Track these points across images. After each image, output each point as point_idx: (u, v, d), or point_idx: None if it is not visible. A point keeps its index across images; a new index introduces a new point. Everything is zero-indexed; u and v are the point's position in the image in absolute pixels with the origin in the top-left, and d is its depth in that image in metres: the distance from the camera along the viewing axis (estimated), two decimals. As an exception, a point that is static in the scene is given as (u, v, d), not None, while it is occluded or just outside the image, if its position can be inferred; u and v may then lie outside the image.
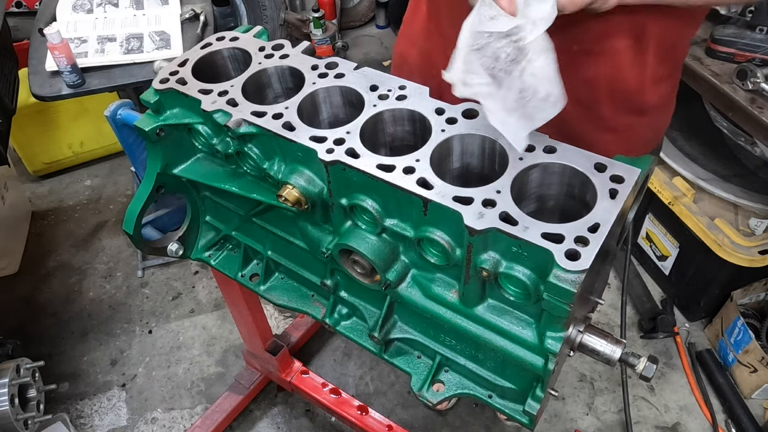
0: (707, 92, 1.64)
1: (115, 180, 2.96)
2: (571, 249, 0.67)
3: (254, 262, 1.22)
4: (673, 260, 2.18)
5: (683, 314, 2.25)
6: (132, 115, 1.18)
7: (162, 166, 1.05)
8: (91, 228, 2.73)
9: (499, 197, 0.73)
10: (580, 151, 0.78)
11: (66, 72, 1.75)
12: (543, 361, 0.81)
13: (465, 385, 0.98)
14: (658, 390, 2.06)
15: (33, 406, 1.62)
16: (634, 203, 0.81)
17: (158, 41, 1.92)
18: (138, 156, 1.34)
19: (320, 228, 0.97)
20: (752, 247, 1.84)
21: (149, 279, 2.48)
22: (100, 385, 2.14)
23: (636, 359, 0.84)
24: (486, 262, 0.75)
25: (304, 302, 1.15)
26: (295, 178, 0.89)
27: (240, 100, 0.93)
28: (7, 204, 2.53)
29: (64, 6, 2.02)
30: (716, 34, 1.63)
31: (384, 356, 1.03)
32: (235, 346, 2.22)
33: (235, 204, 1.11)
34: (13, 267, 2.52)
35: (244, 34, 1.07)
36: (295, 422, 2.01)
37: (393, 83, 0.91)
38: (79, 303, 2.41)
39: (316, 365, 2.16)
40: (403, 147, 0.91)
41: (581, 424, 1.97)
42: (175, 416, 2.05)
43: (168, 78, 0.97)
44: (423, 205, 0.76)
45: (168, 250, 1.18)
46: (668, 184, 2.04)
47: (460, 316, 0.87)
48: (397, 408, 2.03)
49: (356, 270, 0.91)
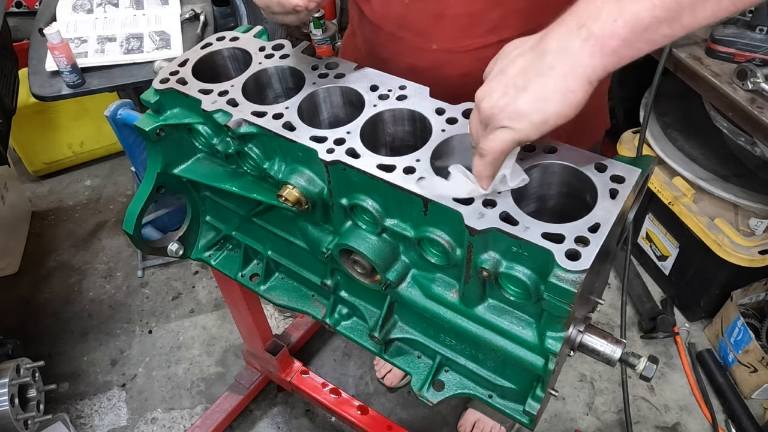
0: (707, 92, 1.64)
1: (115, 180, 2.96)
2: (572, 249, 0.67)
3: (254, 262, 1.22)
4: (673, 260, 2.18)
5: (683, 314, 2.25)
6: (132, 115, 1.18)
7: (162, 166, 1.05)
8: (91, 228, 2.73)
9: (500, 197, 0.73)
10: (581, 151, 0.78)
11: (66, 72, 1.75)
12: (543, 361, 0.81)
13: (465, 385, 0.98)
14: (658, 390, 2.06)
15: (33, 406, 1.61)
16: (634, 203, 0.81)
17: (158, 41, 1.92)
18: (138, 156, 1.34)
19: (320, 228, 0.97)
20: (752, 247, 1.84)
21: (149, 279, 2.48)
22: (100, 385, 2.14)
23: (636, 359, 0.84)
24: (486, 262, 0.75)
25: (305, 302, 1.15)
26: (296, 178, 0.89)
27: (240, 100, 0.93)
28: (7, 204, 2.53)
29: (64, 6, 2.02)
30: (716, 34, 1.63)
31: (384, 356, 1.03)
32: (235, 346, 2.22)
33: (236, 204, 1.11)
34: (13, 267, 2.52)
35: (244, 34, 1.07)
36: (295, 422, 2.01)
37: (393, 83, 0.91)
38: (79, 303, 2.41)
39: (316, 365, 2.16)
40: (403, 147, 0.91)
41: (581, 424, 1.97)
42: (175, 416, 2.05)
43: (168, 78, 0.97)
44: (423, 205, 0.76)
45: (168, 250, 1.18)
46: (668, 184, 2.04)
47: (461, 316, 0.87)
48: (397, 408, 2.03)
49: (356, 270, 0.91)
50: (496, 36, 1.05)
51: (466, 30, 1.06)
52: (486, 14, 1.03)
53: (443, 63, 1.10)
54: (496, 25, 1.04)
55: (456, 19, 1.04)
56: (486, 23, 1.04)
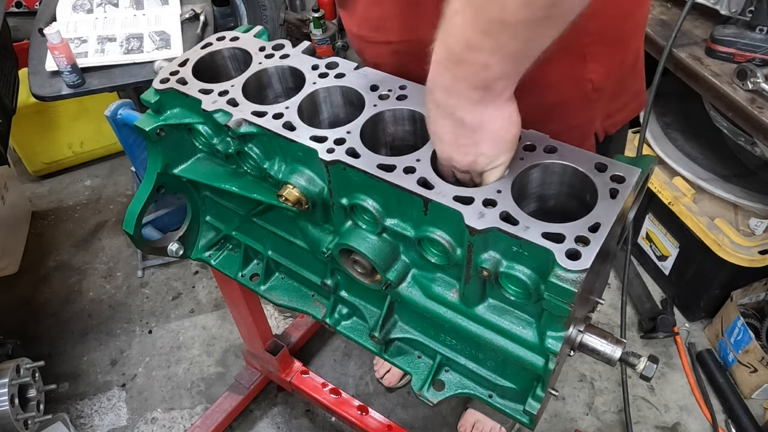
0: (707, 92, 1.64)
1: (115, 180, 2.96)
2: (572, 249, 0.67)
3: (254, 262, 1.22)
4: (673, 260, 2.18)
5: (683, 314, 2.25)
6: (132, 115, 1.18)
7: (162, 166, 1.05)
8: (91, 228, 2.73)
9: (500, 197, 0.73)
10: (581, 151, 0.78)
11: (66, 72, 1.75)
12: (543, 360, 0.81)
13: (465, 385, 0.98)
14: (658, 390, 2.06)
15: (33, 406, 1.62)
16: (635, 203, 0.81)
17: (158, 41, 1.92)
18: (138, 156, 1.33)
19: (320, 228, 0.97)
20: (752, 247, 1.84)
21: (149, 279, 2.48)
22: (100, 385, 2.14)
23: (636, 359, 0.84)
24: (486, 262, 0.75)
25: (305, 302, 1.15)
26: (296, 177, 0.89)
27: (240, 99, 0.93)
28: (7, 204, 2.53)
29: (64, 6, 2.02)
30: (716, 34, 1.63)
31: (384, 356, 1.03)
32: (235, 346, 2.22)
33: (236, 204, 1.11)
34: (13, 267, 2.52)
35: (244, 34, 1.07)
36: (295, 422, 2.01)
37: (393, 83, 0.91)
38: (79, 303, 2.41)
39: (316, 365, 2.16)
40: (403, 147, 0.91)
41: (581, 424, 1.97)
42: (175, 416, 2.05)
43: (168, 78, 0.97)
44: (424, 205, 0.76)
45: (168, 250, 1.18)
46: (668, 184, 2.04)
47: (461, 315, 0.87)
48: (397, 408, 2.03)
49: (357, 270, 0.91)
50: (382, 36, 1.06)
51: (366, 21, 1.08)
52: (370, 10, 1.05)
53: (361, 51, 1.15)
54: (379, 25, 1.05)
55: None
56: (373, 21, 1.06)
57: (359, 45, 1.14)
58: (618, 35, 1.05)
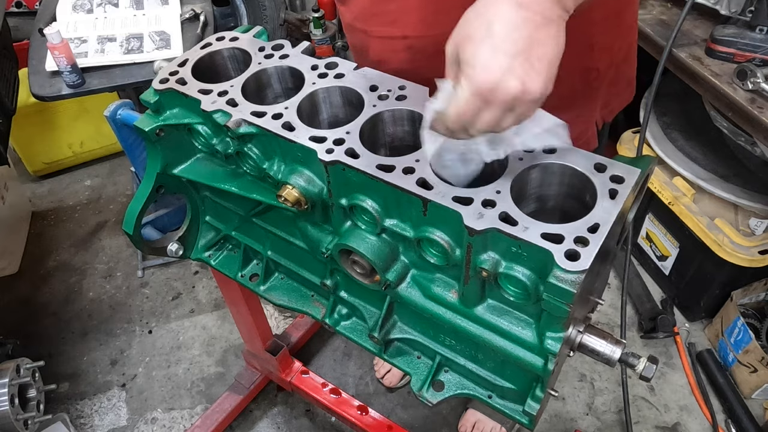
0: (707, 92, 1.64)
1: (115, 180, 2.96)
2: (571, 249, 0.67)
3: (254, 262, 1.22)
4: (673, 260, 2.18)
5: (683, 314, 2.25)
6: (132, 115, 1.18)
7: (162, 166, 1.05)
8: (91, 228, 2.73)
9: (499, 197, 0.73)
10: (580, 151, 0.78)
11: (66, 72, 1.75)
12: (543, 361, 0.81)
13: (465, 386, 0.98)
14: (658, 390, 2.06)
15: (33, 406, 1.62)
16: (634, 203, 0.81)
17: (158, 41, 1.92)
18: (138, 156, 1.34)
19: (320, 228, 0.97)
20: (752, 247, 1.84)
21: (149, 279, 2.48)
22: (100, 385, 2.14)
23: (636, 359, 0.84)
24: (486, 263, 0.75)
25: (304, 302, 1.15)
26: (295, 178, 0.89)
27: (240, 100, 0.93)
28: (7, 204, 2.53)
29: (64, 6, 2.02)
30: (716, 34, 1.63)
31: (384, 356, 1.03)
32: (235, 346, 2.22)
33: (235, 204, 1.11)
34: (13, 267, 2.52)
35: (244, 34, 1.07)
36: (295, 422, 2.01)
37: (393, 83, 0.91)
38: (79, 303, 2.41)
39: (316, 365, 2.16)
40: (403, 147, 0.91)
41: (581, 424, 1.97)
42: (175, 416, 2.05)
43: (168, 78, 0.97)
44: (423, 205, 0.76)
45: (168, 250, 1.18)
46: (668, 184, 2.04)
47: (460, 316, 0.87)
48: (397, 408, 2.03)
49: (356, 270, 0.91)
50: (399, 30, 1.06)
51: (374, 16, 1.08)
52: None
53: (365, 47, 1.15)
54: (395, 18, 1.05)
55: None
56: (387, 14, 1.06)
57: (362, 40, 1.13)
58: (619, 23, 1.07)
